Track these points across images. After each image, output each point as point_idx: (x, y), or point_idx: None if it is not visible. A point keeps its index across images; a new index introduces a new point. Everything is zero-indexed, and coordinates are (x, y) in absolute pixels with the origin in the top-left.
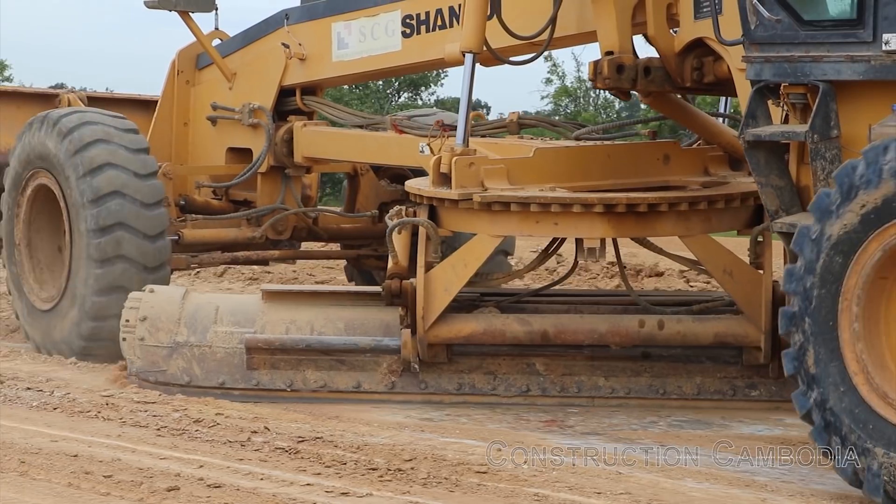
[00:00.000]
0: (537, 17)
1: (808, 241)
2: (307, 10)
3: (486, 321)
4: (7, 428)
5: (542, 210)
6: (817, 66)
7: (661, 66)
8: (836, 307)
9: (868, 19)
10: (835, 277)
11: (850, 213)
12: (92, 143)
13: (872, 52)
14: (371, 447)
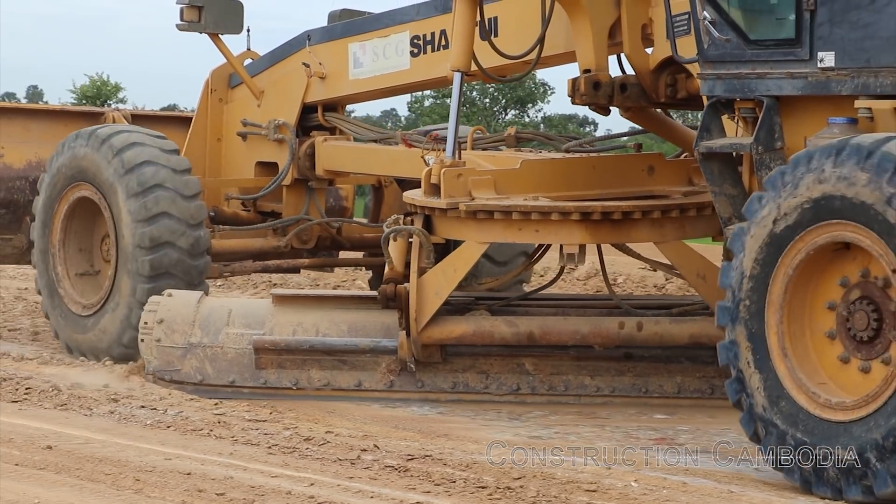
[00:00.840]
0: (529, 36)
1: (740, 241)
2: (327, 31)
3: (476, 323)
4: (122, 446)
5: (523, 218)
6: (762, 82)
7: (637, 83)
8: (764, 303)
9: (805, 39)
10: (764, 275)
11: (780, 215)
12: (142, 164)
13: (809, 69)
14: (480, 465)
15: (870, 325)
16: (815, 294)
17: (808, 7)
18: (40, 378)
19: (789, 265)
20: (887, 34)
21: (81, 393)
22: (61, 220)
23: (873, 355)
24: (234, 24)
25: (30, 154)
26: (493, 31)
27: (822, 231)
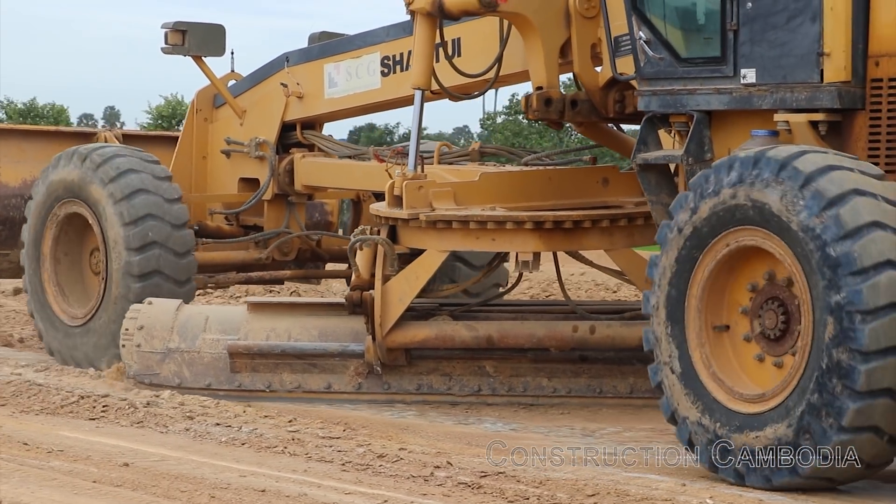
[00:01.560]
0: (491, 56)
1: (678, 215)
2: (304, 52)
3: (438, 327)
4: (198, 463)
5: (480, 227)
6: (692, 97)
7: (587, 99)
8: (684, 295)
9: (729, 57)
10: (686, 269)
11: (700, 216)
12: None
13: (733, 85)
14: (553, 482)
15: (778, 324)
16: (734, 286)
17: (731, 27)
18: (116, 396)
19: (709, 261)
20: (801, 52)
21: (157, 411)
22: (51, 234)
23: (784, 351)
24: (216, 46)
25: (25, 173)
26: (457, 51)
27: (736, 235)
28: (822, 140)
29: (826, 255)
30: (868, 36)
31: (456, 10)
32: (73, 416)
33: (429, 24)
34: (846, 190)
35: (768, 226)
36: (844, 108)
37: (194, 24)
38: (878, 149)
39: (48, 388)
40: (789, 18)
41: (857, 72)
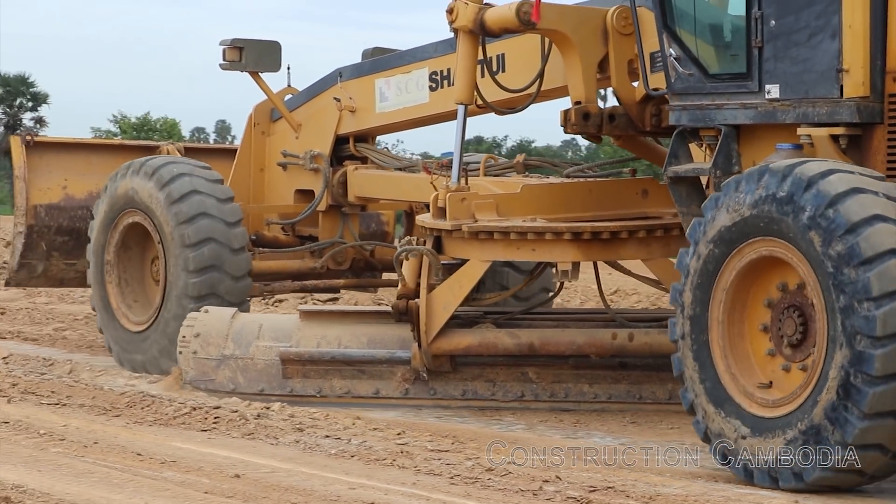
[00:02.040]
0: (534, 71)
1: (698, 233)
2: (356, 68)
3: (481, 335)
4: (307, 475)
5: (520, 238)
6: (720, 112)
7: (625, 114)
8: (709, 294)
9: (755, 73)
10: (712, 270)
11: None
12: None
13: (759, 100)
14: (664, 497)
15: (797, 331)
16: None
17: (756, 44)
18: (227, 408)
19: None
20: (822, 68)
21: (268, 423)
22: (115, 242)
23: (802, 357)
24: (272, 62)
25: (91, 185)
26: (502, 67)
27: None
28: (843, 153)
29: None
30: (886, 53)
31: (497, 28)
32: (186, 428)
33: (471, 41)
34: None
35: (784, 235)
36: (863, 123)
37: (251, 41)
38: (895, 162)
39: (161, 400)
40: (810, 36)
41: (876, 87)
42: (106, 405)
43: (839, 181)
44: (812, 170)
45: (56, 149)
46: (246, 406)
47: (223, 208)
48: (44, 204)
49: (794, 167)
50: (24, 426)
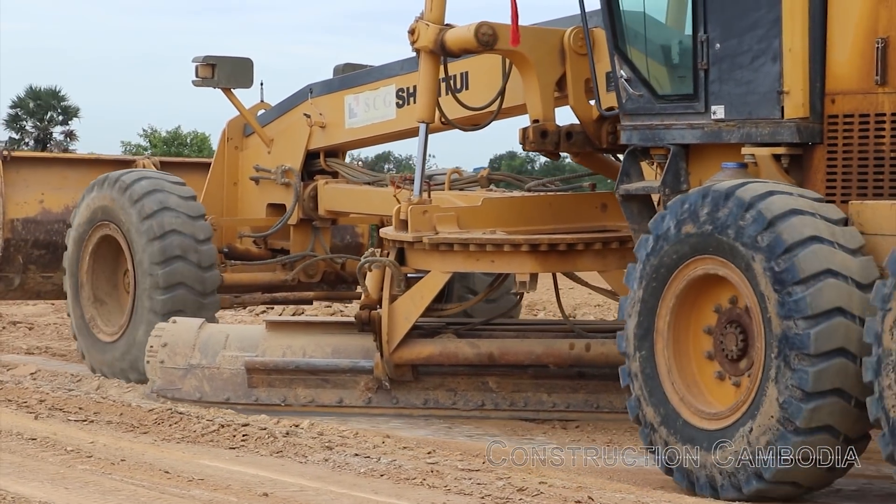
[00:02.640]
0: (497, 89)
1: (644, 250)
2: (326, 84)
3: (442, 344)
4: (336, 494)
5: (479, 250)
6: (669, 132)
7: (582, 131)
8: (655, 308)
9: (701, 94)
10: (658, 286)
11: (673, 240)
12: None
13: (705, 120)
14: None
15: (738, 346)
16: (700, 311)
17: (702, 66)
18: (255, 425)
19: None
20: (764, 90)
21: (297, 440)
22: (89, 254)
23: (742, 372)
24: (244, 79)
25: (67, 199)
26: (465, 85)
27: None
28: (786, 172)
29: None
30: (825, 75)
31: (456, 49)
32: (214, 445)
33: (432, 61)
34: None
35: (723, 254)
36: (804, 143)
37: (223, 57)
38: (834, 181)
39: (189, 416)
40: (753, 58)
41: (815, 108)
42: (134, 422)
43: (778, 203)
44: (753, 191)
45: (33, 164)
46: (275, 424)
47: (194, 225)
48: (20, 218)
49: (736, 188)
50: (51, 443)
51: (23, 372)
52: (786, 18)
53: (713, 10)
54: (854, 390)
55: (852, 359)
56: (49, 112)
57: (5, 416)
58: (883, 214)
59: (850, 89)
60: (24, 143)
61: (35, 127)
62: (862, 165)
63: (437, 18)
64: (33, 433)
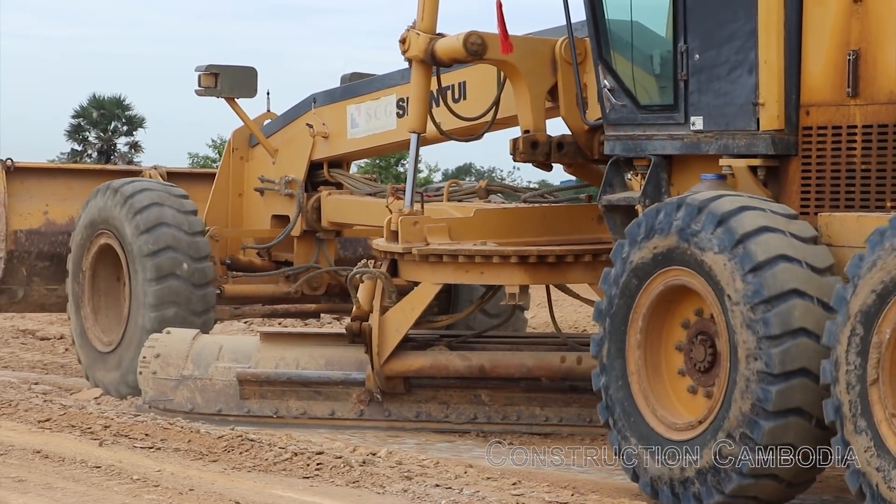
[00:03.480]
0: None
1: (619, 258)
2: (329, 94)
3: (434, 357)
4: None
5: (468, 261)
6: (650, 142)
7: (574, 142)
8: (628, 315)
9: (681, 105)
10: (631, 294)
11: (646, 250)
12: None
13: (685, 131)
14: None
15: (706, 357)
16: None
17: (681, 77)
18: (330, 454)
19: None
20: (740, 101)
21: (374, 470)
22: (89, 261)
23: (709, 383)
24: (248, 88)
25: (72, 211)
26: (463, 95)
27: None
28: (763, 184)
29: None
30: (800, 87)
31: (446, 58)
32: (287, 474)
33: (423, 70)
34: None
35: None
36: (779, 155)
37: (226, 67)
38: (808, 192)
39: (261, 444)
40: (730, 70)
41: (791, 120)
42: (202, 449)
43: (750, 219)
44: (725, 206)
45: (37, 174)
46: (350, 452)
47: (191, 242)
48: (24, 229)
49: (710, 202)
50: (116, 471)
51: (86, 396)
52: (761, 30)
53: (693, 20)
54: (815, 409)
55: (815, 379)
56: (113, 122)
57: (69, 442)
58: (850, 227)
59: (824, 101)
60: (87, 155)
61: (98, 138)
62: (835, 177)
63: (428, 28)
64: (98, 461)
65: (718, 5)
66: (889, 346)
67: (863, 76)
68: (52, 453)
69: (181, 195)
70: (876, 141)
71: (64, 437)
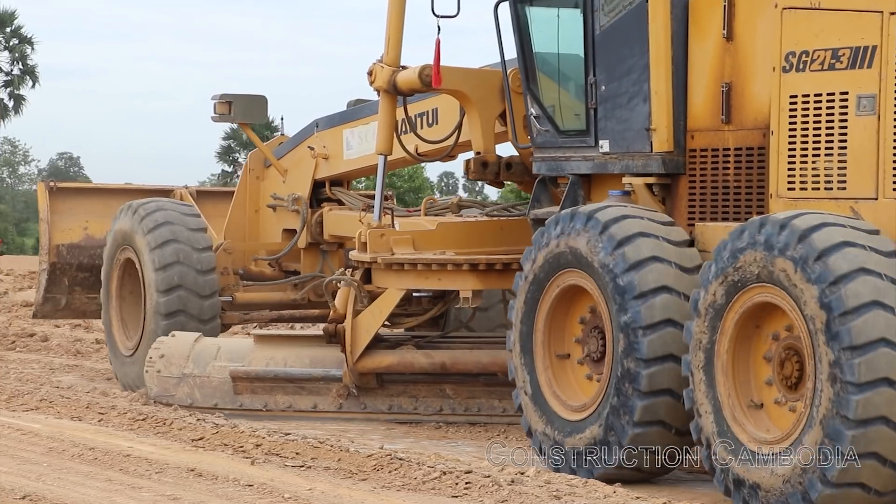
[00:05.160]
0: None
1: (527, 262)
2: (329, 119)
3: (401, 355)
4: None
5: (427, 269)
6: (568, 163)
7: (521, 162)
8: (534, 312)
9: (592, 130)
10: (535, 294)
11: (542, 259)
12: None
13: (595, 153)
14: None
15: (599, 348)
16: (567, 316)
17: (592, 106)
18: (479, 472)
19: (551, 295)
20: (637, 127)
21: (522, 489)
22: (116, 273)
23: (599, 371)
24: (259, 114)
25: (109, 226)
26: (435, 120)
27: (564, 277)
28: (660, 200)
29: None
30: (686, 114)
31: (406, 89)
32: (435, 493)
33: (389, 99)
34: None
35: (584, 268)
36: (669, 174)
37: (239, 95)
38: (694, 206)
39: (409, 463)
40: (629, 99)
41: (679, 143)
42: (352, 468)
43: (628, 226)
44: (608, 215)
45: (78, 193)
46: (499, 471)
47: (199, 257)
48: (65, 243)
49: (596, 212)
50: (268, 489)
51: None
52: (652, 65)
53: (600, 56)
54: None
55: (679, 362)
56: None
57: (221, 460)
58: (718, 235)
59: (705, 127)
60: (235, 176)
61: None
62: (714, 193)
63: (392, 61)
64: (250, 479)
65: (619, 43)
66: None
67: (734, 105)
68: (206, 471)
69: (194, 214)
70: (745, 161)
71: (216, 455)
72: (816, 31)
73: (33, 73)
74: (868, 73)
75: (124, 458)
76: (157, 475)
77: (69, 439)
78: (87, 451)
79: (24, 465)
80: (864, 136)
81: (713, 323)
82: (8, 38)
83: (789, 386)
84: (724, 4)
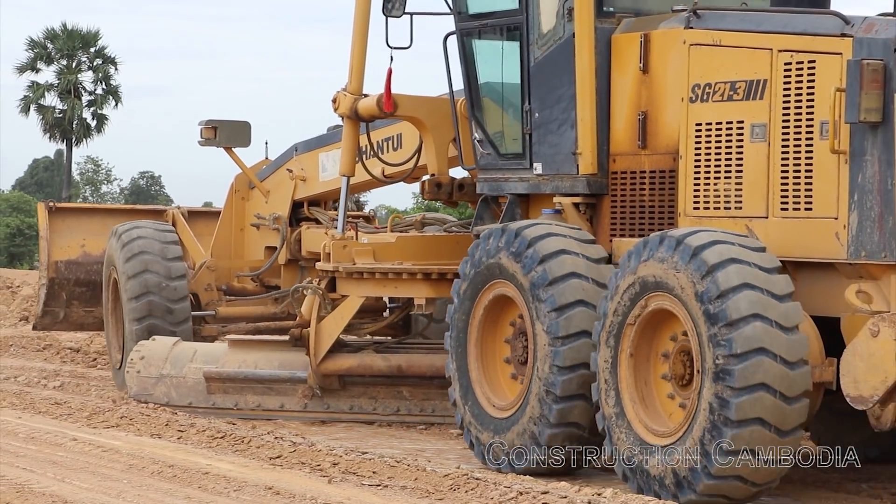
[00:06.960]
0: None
1: (465, 269)
2: (307, 144)
3: (360, 358)
4: None
5: (384, 277)
6: (507, 183)
7: (472, 183)
8: (468, 317)
9: (527, 153)
10: (470, 302)
11: (475, 269)
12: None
13: (530, 175)
14: None
15: (523, 352)
16: (497, 325)
17: (527, 131)
18: (556, 493)
19: (482, 306)
20: (566, 151)
21: None
22: (109, 292)
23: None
24: (243, 139)
25: (105, 244)
26: (399, 144)
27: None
28: (587, 218)
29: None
30: (609, 140)
31: (366, 115)
32: None
33: (352, 125)
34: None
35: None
36: (594, 194)
37: (224, 121)
38: (615, 224)
39: (486, 483)
40: (559, 126)
41: (602, 166)
42: (429, 487)
43: (551, 243)
44: (534, 232)
45: (76, 213)
46: (575, 492)
47: (169, 286)
48: (63, 260)
49: (524, 229)
50: None
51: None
52: (579, 94)
53: (534, 86)
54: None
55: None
56: None
57: (299, 479)
58: (621, 248)
59: (625, 151)
60: None
61: None
62: (632, 212)
63: (354, 89)
64: (327, 497)
65: (550, 74)
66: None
67: (649, 132)
68: (284, 490)
69: (167, 230)
70: (658, 183)
71: (294, 473)
72: (718, 66)
73: (116, 92)
74: (760, 104)
75: (203, 476)
76: (235, 493)
77: (149, 456)
78: (166, 469)
79: (104, 481)
80: (756, 161)
81: (619, 330)
82: (92, 59)
83: (682, 384)
84: (641, 40)
